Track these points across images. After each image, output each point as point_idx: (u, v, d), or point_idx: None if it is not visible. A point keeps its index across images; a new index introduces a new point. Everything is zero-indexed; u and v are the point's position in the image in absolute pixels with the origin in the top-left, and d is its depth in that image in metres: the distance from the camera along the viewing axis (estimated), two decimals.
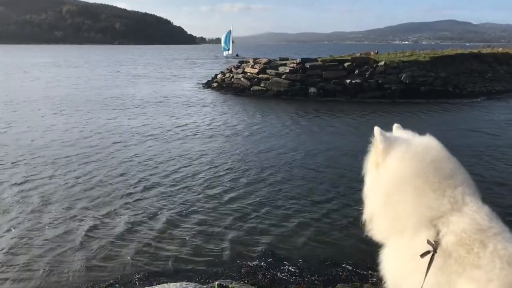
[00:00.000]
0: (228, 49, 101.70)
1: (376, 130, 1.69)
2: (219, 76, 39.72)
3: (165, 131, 19.57)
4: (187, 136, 18.73)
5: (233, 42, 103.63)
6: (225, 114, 24.46)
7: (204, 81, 42.07)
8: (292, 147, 16.60)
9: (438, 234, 1.48)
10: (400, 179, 1.64)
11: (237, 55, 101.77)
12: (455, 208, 1.51)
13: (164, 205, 10.49)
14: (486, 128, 20.32)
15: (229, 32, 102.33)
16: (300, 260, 7.87)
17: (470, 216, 1.47)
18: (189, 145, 17.04)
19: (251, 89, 33.08)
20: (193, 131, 19.81)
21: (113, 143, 17.17)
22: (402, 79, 30.49)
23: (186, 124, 21.30)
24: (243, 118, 23.13)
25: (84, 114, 24.08)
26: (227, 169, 13.65)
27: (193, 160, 14.67)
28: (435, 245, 1.46)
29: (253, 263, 7.78)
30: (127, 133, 19.04)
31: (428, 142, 1.71)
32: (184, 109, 26.37)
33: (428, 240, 1.48)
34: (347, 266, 7.59)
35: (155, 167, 13.80)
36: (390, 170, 1.68)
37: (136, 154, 15.34)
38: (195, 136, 18.67)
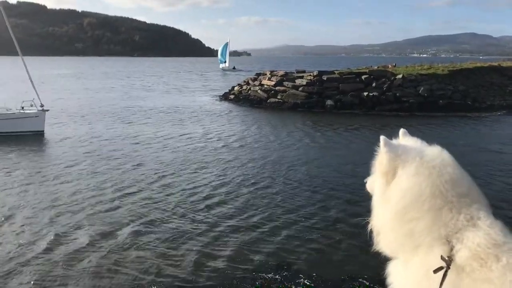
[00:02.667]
0: (225, 61, 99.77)
1: (382, 139, 1.68)
2: (236, 88, 39.95)
3: (183, 140, 19.79)
4: (206, 146, 18.85)
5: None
6: (242, 126, 24.57)
7: (221, 93, 42.46)
8: (308, 160, 16.56)
9: (452, 249, 1.47)
10: (416, 196, 1.62)
11: (234, 67, 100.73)
12: (470, 224, 1.50)
13: (170, 216, 10.54)
14: (506, 142, 20.00)
15: (226, 44, 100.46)
16: (315, 274, 7.79)
17: (485, 231, 1.47)
18: (212, 156, 17.13)
19: (268, 101, 33.18)
20: (217, 142, 19.98)
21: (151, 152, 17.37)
22: (420, 92, 30.26)
23: (206, 134, 21.54)
24: (259, 130, 23.19)
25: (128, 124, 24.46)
26: (246, 179, 13.69)
27: (214, 171, 14.75)
28: (448, 261, 1.45)
29: (268, 275, 7.74)
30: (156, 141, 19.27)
31: (442, 156, 1.69)
32: (206, 120, 26.58)
33: (441, 256, 1.47)
34: (364, 281, 7.50)
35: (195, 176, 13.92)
36: (404, 184, 1.66)
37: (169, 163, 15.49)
38: (218, 147, 18.79)
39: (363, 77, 31.56)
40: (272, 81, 34.32)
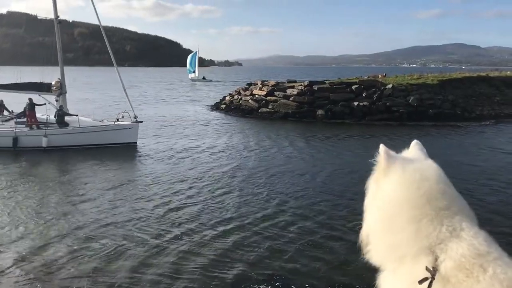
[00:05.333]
0: (194, 72, 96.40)
1: (381, 147, 1.69)
2: (227, 98, 40.01)
3: (178, 152, 19.72)
4: (198, 157, 18.80)
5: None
6: (232, 136, 24.53)
7: (212, 103, 42.49)
8: (300, 169, 16.57)
9: (436, 260, 1.47)
10: (397, 205, 1.63)
11: (203, 78, 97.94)
12: (453, 235, 1.50)
13: (164, 229, 10.47)
14: (496, 151, 20.19)
15: (195, 54, 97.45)
16: (307, 285, 7.76)
17: (468, 241, 1.46)
18: (203, 166, 17.08)
19: (259, 110, 33.24)
20: (207, 152, 19.94)
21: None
22: (410, 101, 30.51)
23: (197, 146, 21.46)
24: (251, 139, 23.20)
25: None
26: (236, 189, 13.68)
27: (207, 180, 14.69)
28: (433, 272, 1.44)
29: (261, 287, 7.69)
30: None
31: (425, 169, 1.69)
32: (197, 130, 26.53)
33: (426, 266, 1.46)
34: None
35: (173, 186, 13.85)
36: (387, 192, 1.67)
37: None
38: (211, 157, 18.76)
39: (353, 87, 31.77)
40: (263, 90, 34.41)
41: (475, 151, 20.39)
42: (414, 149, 1.83)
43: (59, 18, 22.81)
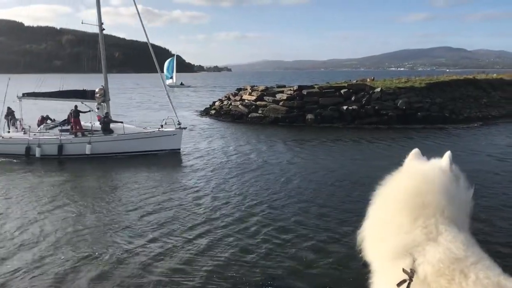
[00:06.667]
0: (171, 77, 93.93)
1: (414, 151, 1.74)
2: (217, 103, 39.98)
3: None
4: (189, 165, 18.76)
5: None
6: (223, 141, 24.51)
7: (198, 108, 42.40)
8: (293, 174, 16.61)
9: (414, 262, 1.46)
10: (385, 204, 1.65)
11: (181, 83, 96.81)
12: (430, 237, 1.49)
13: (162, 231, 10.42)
14: (484, 153, 20.37)
15: (172, 60, 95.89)
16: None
17: (445, 245, 1.45)
18: (193, 174, 17.03)
19: (249, 115, 33.25)
20: (197, 160, 19.90)
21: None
22: (398, 105, 30.72)
23: (188, 154, 21.43)
24: (241, 145, 23.21)
25: None
26: (227, 197, 13.66)
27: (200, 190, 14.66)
28: (410, 274, 1.44)
29: None
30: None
31: (420, 169, 1.71)
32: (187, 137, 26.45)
33: (403, 268, 1.46)
34: None
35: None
36: (385, 186, 1.71)
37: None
38: (199, 165, 18.72)
39: (342, 91, 31.93)
40: (252, 95, 34.44)
41: (462, 154, 20.52)
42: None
43: (103, 25, 22.71)
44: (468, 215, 1.64)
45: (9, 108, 22.38)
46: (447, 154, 1.73)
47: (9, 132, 21.48)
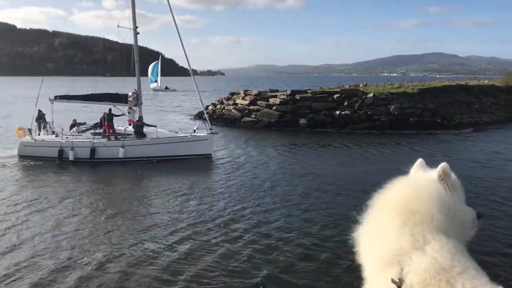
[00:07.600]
0: (156, 81, 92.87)
1: (444, 165, 1.74)
2: (210, 107, 39.95)
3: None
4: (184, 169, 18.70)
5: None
6: (214, 145, 24.46)
7: (195, 112, 42.31)
8: (280, 178, 16.62)
9: (402, 271, 1.45)
10: (380, 202, 1.65)
11: (166, 87, 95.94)
12: (416, 246, 1.48)
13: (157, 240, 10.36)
14: (476, 159, 20.48)
15: (157, 63, 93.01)
16: None
17: (431, 255, 1.44)
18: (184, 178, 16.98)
19: (242, 120, 33.27)
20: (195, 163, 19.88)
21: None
22: (391, 110, 30.88)
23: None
24: (231, 149, 23.26)
25: None
26: (221, 200, 13.63)
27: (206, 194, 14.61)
28: (399, 283, 1.43)
29: None
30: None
31: (416, 178, 1.72)
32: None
33: (392, 278, 1.45)
34: None
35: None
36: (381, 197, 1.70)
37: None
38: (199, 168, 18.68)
39: (335, 96, 32.05)
40: (246, 100, 34.48)
41: (453, 160, 20.62)
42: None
43: (137, 28, 22.60)
44: (466, 227, 1.65)
45: (40, 111, 22.17)
46: (443, 165, 1.73)
47: (39, 134, 21.26)
